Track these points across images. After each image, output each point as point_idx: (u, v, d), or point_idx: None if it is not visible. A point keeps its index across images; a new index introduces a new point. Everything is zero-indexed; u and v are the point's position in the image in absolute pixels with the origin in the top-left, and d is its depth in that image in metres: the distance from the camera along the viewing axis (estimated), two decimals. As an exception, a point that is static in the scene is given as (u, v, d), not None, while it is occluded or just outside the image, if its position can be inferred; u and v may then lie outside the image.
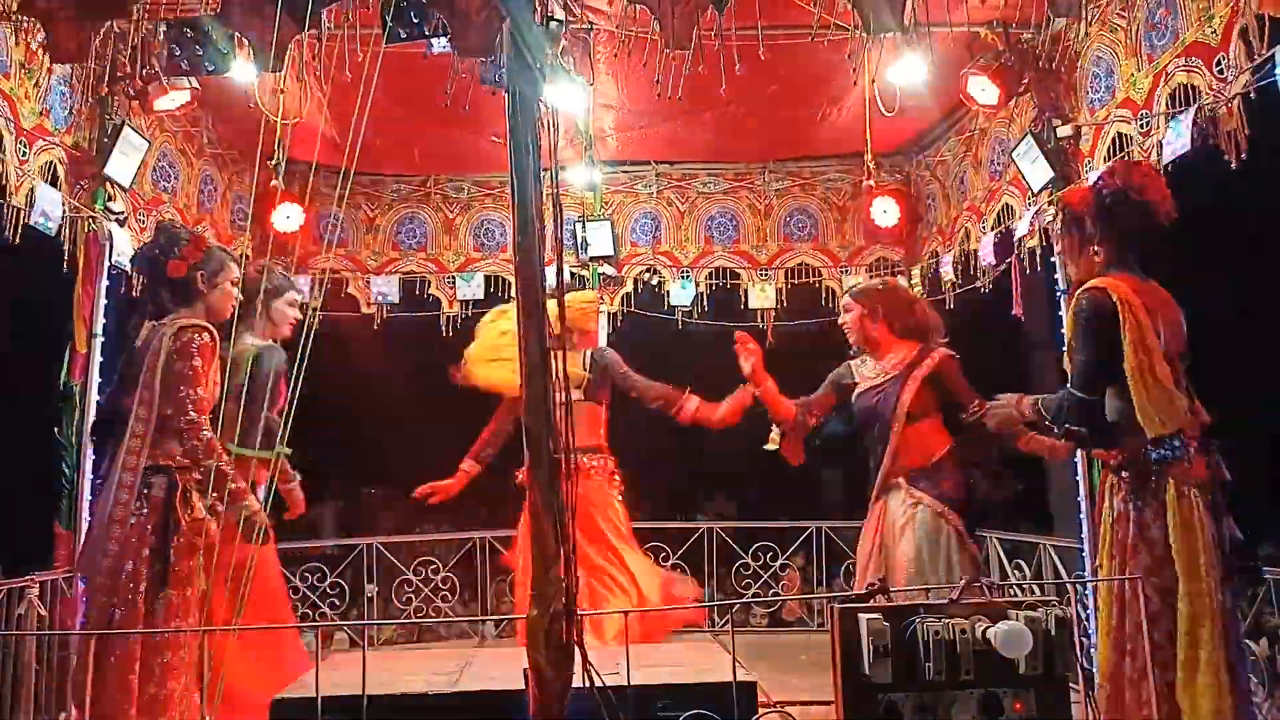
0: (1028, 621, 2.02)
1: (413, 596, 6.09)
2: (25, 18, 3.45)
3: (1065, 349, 2.89)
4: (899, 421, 3.62)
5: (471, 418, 4.86)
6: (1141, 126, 3.72)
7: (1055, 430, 2.80)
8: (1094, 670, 2.74)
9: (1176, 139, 3.36)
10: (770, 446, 4.24)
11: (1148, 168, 2.99)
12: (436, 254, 6.21)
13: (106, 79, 4.13)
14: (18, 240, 3.69)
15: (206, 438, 3.14)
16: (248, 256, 3.55)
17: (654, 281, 6.22)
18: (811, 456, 5.60)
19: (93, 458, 4.05)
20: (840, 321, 3.99)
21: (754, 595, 6.14)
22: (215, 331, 3.23)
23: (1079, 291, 2.79)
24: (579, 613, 2.13)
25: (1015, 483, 4.53)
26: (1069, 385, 2.75)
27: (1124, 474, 2.73)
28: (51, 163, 3.92)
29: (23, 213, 3.69)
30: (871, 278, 5.37)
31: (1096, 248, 2.84)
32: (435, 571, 6.15)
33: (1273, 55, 2.97)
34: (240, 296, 3.45)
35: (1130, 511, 2.67)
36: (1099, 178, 2.97)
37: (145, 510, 3.03)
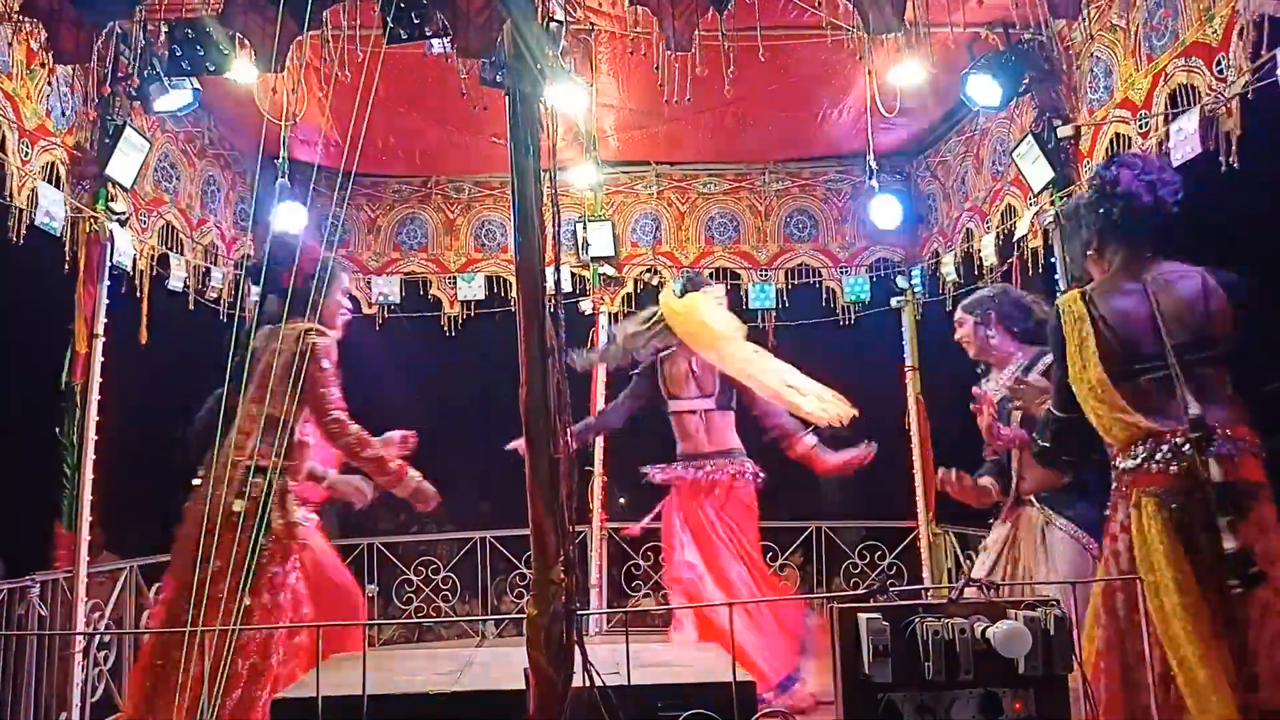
0: (1027, 621, 2.02)
1: (413, 596, 6.09)
2: (27, 18, 3.46)
3: None
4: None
5: (471, 417, 4.88)
6: (1141, 127, 3.72)
7: (1036, 453, 2.73)
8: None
9: (1184, 141, 3.35)
10: None
11: (1132, 157, 2.87)
12: (437, 254, 6.22)
13: (108, 79, 4.14)
14: (20, 240, 3.70)
15: (355, 431, 3.25)
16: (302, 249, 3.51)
17: (654, 282, 6.22)
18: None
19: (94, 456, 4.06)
20: (956, 337, 3.69)
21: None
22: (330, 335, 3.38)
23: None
24: (579, 612, 2.13)
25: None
26: (1048, 406, 2.70)
27: (1117, 487, 2.61)
28: (53, 163, 3.93)
29: (25, 213, 3.70)
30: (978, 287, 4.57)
31: (1094, 252, 2.73)
32: (435, 571, 6.15)
33: (1273, 55, 2.97)
34: (350, 306, 3.60)
35: (1121, 531, 2.55)
36: (1092, 178, 2.87)
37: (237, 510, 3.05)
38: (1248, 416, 2.51)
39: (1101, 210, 2.67)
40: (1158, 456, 2.46)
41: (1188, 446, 2.41)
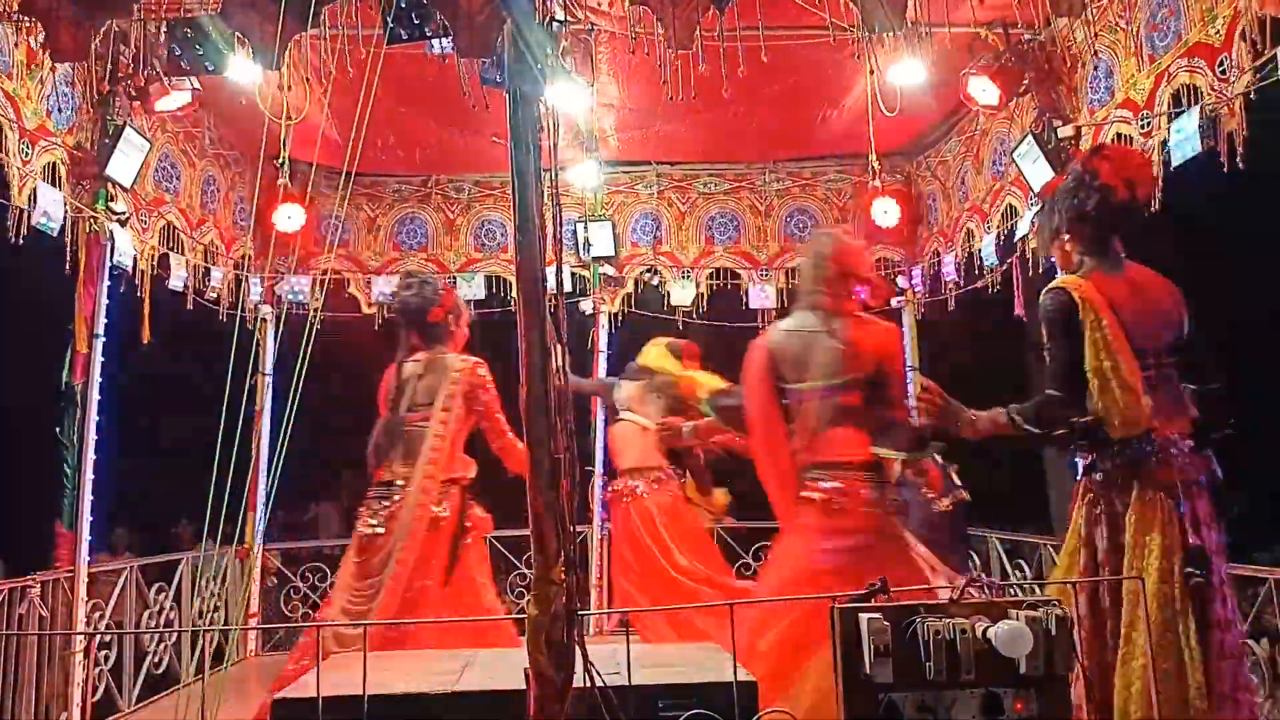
0: (1028, 621, 2.02)
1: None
2: (26, 17, 3.45)
3: (1045, 351, 2.75)
4: None
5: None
6: (1142, 127, 3.72)
7: (1036, 433, 2.68)
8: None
9: (1185, 140, 3.35)
10: None
11: (1113, 149, 2.89)
12: (437, 254, 6.22)
13: (108, 79, 4.13)
14: (21, 240, 3.69)
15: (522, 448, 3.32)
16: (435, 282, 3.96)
17: (654, 281, 6.22)
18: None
19: (94, 456, 4.06)
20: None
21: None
22: None
23: (1043, 291, 2.71)
24: (580, 612, 2.13)
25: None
26: (1047, 387, 2.66)
27: (1095, 475, 2.66)
28: (53, 163, 3.93)
29: (26, 213, 3.70)
30: None
31: (1066, 238, 2.75)
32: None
33: (1274, 55, 2.97)
34: (467, 334, 3.89)
35: (1098, 514, 2.61)
36: (1072, 169, 2.86)
37: (446, 515, 3.52)
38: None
39: (1076, 199, 2.68)
40: (1159, 451, 2.51)
41: (1188, 444, 2.49)
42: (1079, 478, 2.77)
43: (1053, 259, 2.89)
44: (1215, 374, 2.67)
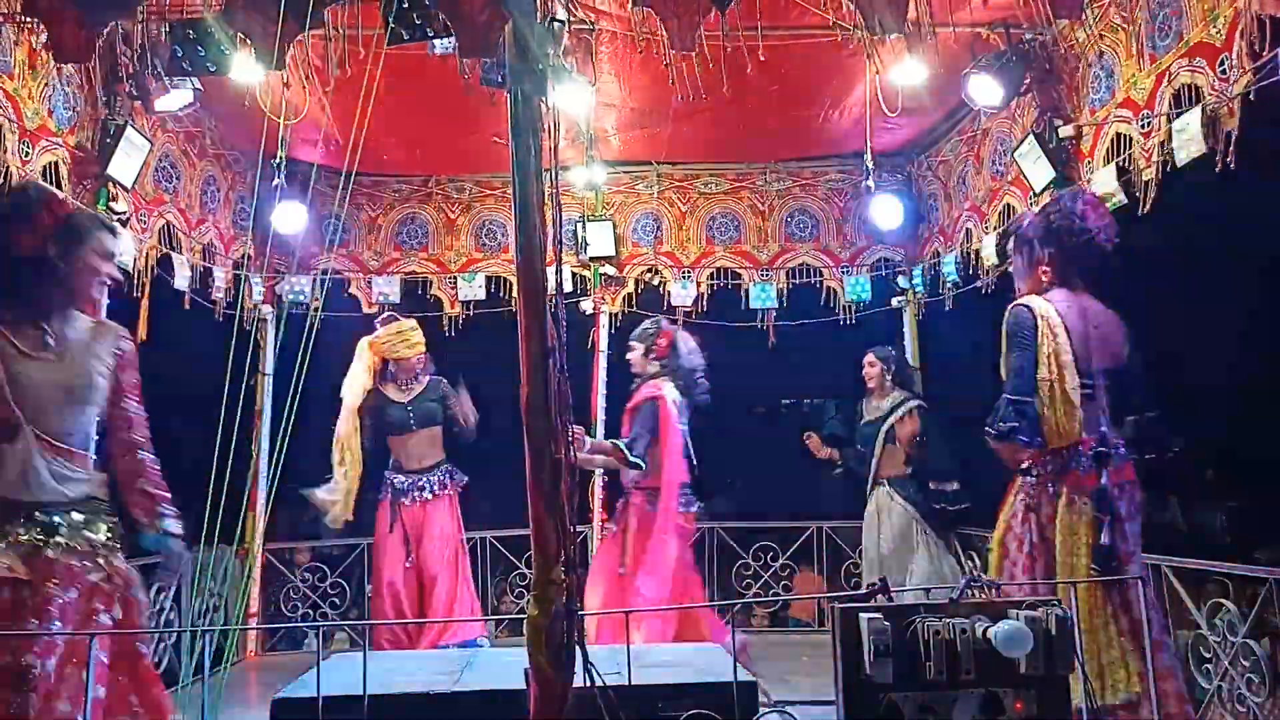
0: (1028, 621, 2.02)
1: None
2: (28, 18, 3.45)
3: (1002, 359, 3.09)
4: None
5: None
6: (1143, 127, 3.72)
7: (995, 434, 2.95)
8: None
9: (1190, 142, 3.35)
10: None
11: (1091, 197, 3.29)
12: (438, 254, 6.22)
13: (109, 79, 4.14)
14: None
15: None
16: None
17: (655, 281, 6.22)
18: (814, 457, 5.67)
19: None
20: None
21: (754, 595, 6.14)
22: None
23: (1009, 307, 3.09)
24: (580, 612, 2.13)
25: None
26: (1005, 392, 2.96)
27: (1029, 477, 2.98)
28: (54, 163, 3.93)
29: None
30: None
31: (1045, 268, 3.11)
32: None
33: (1274, 55, 2.97)
34: (118, 276, 2.84)
35: (1031, 514, 2.93)
36: (1047, 205, 3.28)
37: None
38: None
39: (1061, 236, 3.08)
40: (1084, 461, 2.87)
41: (1104, 455, 2.87)
42: (1015, 478, 3.06)
43: (1021, 285, 3.23)
44: (1152, 402, 3.08)
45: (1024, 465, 2.99)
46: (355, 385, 4.88)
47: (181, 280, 4.91)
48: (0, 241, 2.57)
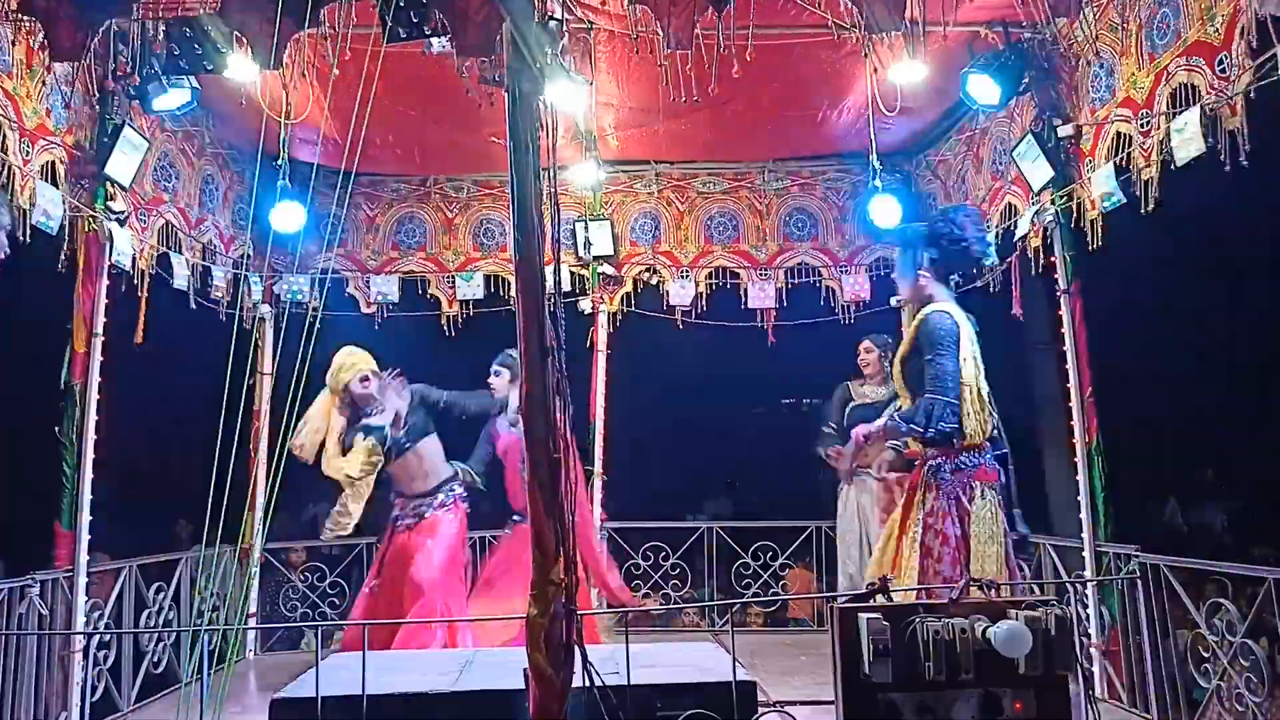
0: (1027, 621, 2.02)
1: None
2: (26, 17, 3.45)
3: (910, 360, 3.24)
4: None
5: (468, 418, 4.90)
6: (1142, 126, 3.72)
7: (926, 434, 3.07)
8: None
9: (1190, 141, 3.34)
10: None
11: (973, 211, 3.50)
12: (436, 254, 6.21)
13: (107, 78, 4.13)
14: (22, 239, 3.68)
15: None
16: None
17: (653, 281, 6.21)
18: (811, 456, 5.69)
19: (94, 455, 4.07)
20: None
21: (753, 595, 6.14)
22: None
23: (930, 310, 3.21)
24: (579, 612, 2.13)
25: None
26: (931, 393, 3.09)
27: (947, 476, 3.12)
28: (52, 162, 3.92)
29: (26, 212, 3.69)
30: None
31: (925, 270, 3.29)
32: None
33: (1273, 54, 2.97)
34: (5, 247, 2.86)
35: (945, 506, 3.08)
36: (933, 214, 3.54)
37: None
38: None
39: (943, 243, 3.29)
40: (989, 458, 3.12)
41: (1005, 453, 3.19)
42: (918, 474, 3.22)
43: (902, 285, 3.40)
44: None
45: (936, 462, 3.14)
46: (310, 428, 4.54)
47: (181, 280, 4.91)
48: None
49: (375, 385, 4.56)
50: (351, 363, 4.58)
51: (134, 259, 4.44)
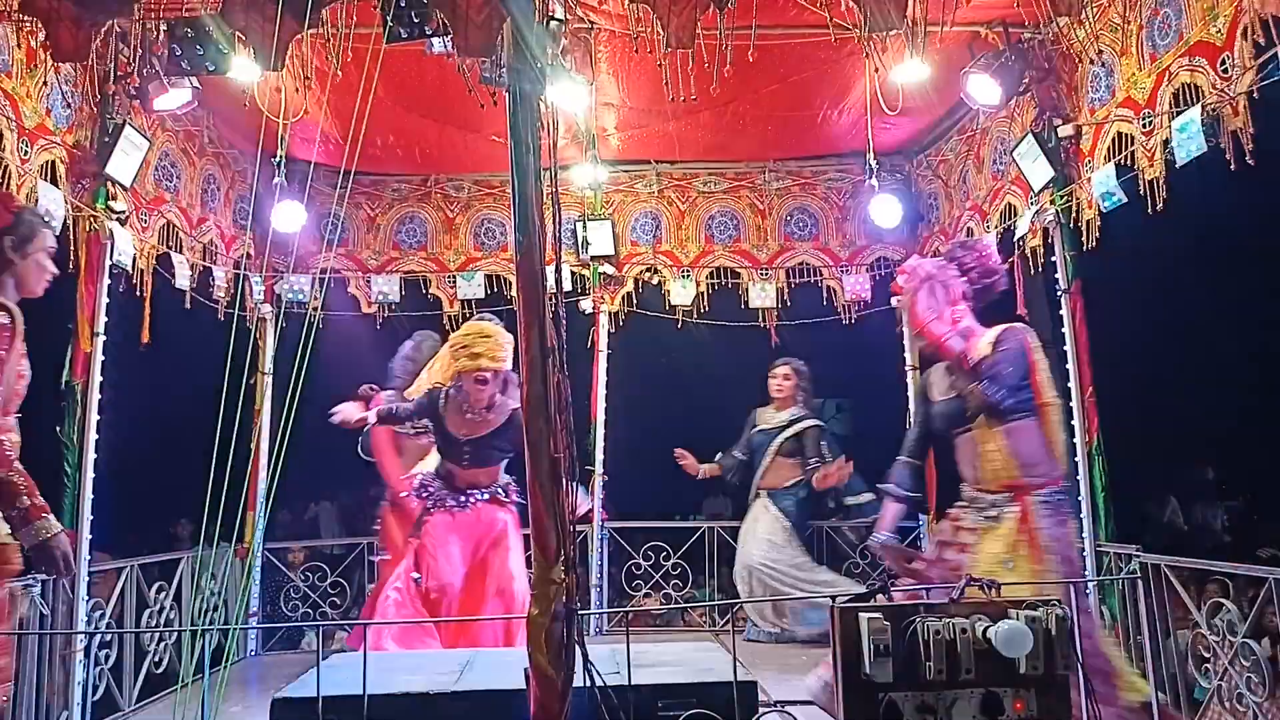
0: (1028, 621, 2.02)
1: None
2: (27, 17, 3.45)
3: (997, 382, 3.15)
4: None
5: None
6: (1144, 126, 3.72)
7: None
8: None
9: (1189, 140, 3.34)
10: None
11: (989, 246, 3.53)
12: (437, 253, 6.21)
13: (108, 78, 4.13)
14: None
15: None
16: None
17: (654, 281, 6.21)
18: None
19: (95, 455, 4.07)
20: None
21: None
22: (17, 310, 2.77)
23: (1010, 331, 3.20)
24: (579, 612, 2.13)
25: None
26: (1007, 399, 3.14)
27: None
28: (52, 162, 3.92)
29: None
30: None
31: (962, 305, 3.27)
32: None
33: (1274, 54, 2.97)
34: (54, 270, 2.88)
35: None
36: (955, 250, 3.43)
37: None
38: None
39: (975, 277, 3.32)
40: None
41: None
42: None
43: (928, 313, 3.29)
44: None
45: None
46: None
47: (182, 279, 4.91)
48: None
49: (489, 391, 4.13)
50: (487, 349, 4.09)
51: (135, 258, 4.44)
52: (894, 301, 6.18)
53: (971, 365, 3.15)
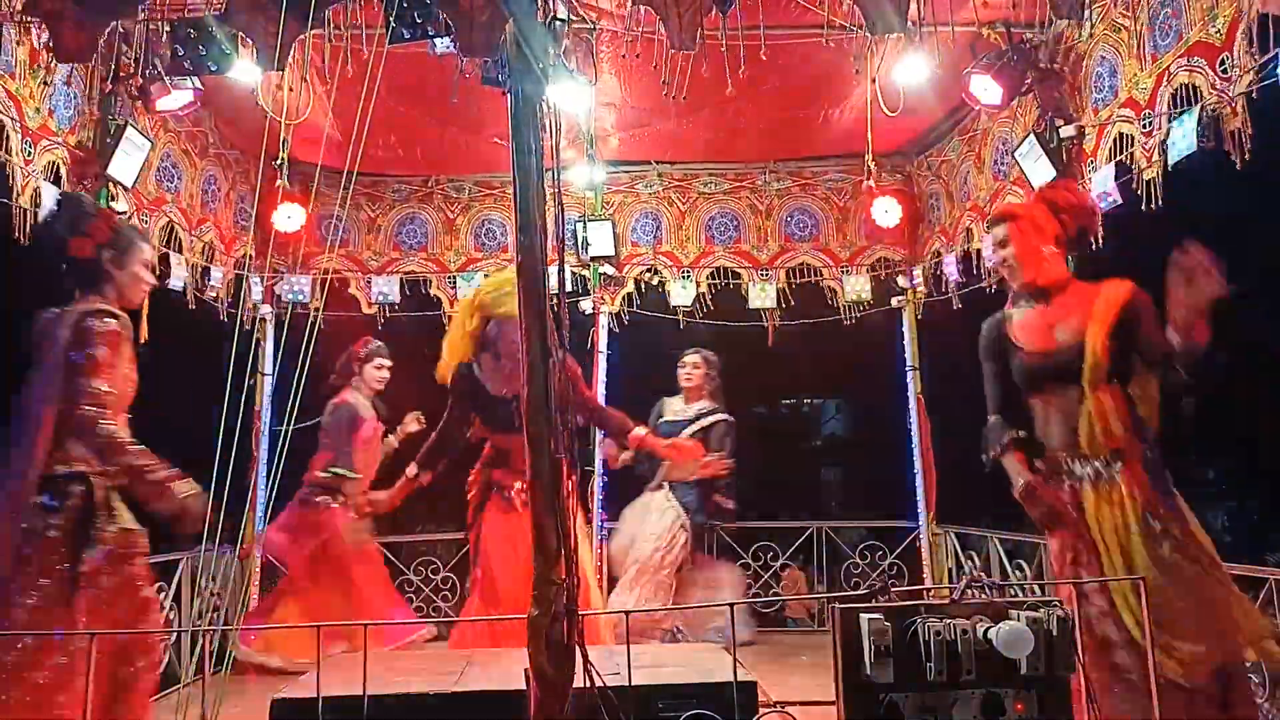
0: (1029, 622, 2.02)
1: (413, 597, 6.09)
2: (30, 18, 3.45)
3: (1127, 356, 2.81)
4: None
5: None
6: (1144, 126, 3.72)
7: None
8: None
9: (1182, 139, 3.36)
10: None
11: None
12: (438, 254, 6.22)
13: (110, 79, 4.14)
14: (26, 240, 3.69)
15: (109, 432, 2.76)
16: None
17: (655, 281, 6.22)
18: (811, 456, 5.68)
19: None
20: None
21: (753, 595, 6.14)
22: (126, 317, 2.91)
23: (1140, 290, 2.81)
24: (580, 612, 2.13)
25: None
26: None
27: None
28: (55, 163, 3.93)
29: (28, 213, 3.70)
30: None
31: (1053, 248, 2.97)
32: (435, 571, 6.15)
33: (1275, 54, 2.97)
34: (152, 280, 3.12)
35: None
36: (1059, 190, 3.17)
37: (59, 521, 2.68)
38: None
39: (1063, 219, 3.01)
40: None
41: None
42: None
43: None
44: None
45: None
46: (447, 357, 4.02)
47: (177, 280, 4.91)
48: (55, 245, 2.91)
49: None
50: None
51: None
52: (894, 302, 6.18)
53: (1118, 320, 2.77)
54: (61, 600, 2.66)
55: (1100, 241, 3.12)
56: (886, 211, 5.74)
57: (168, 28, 3.83)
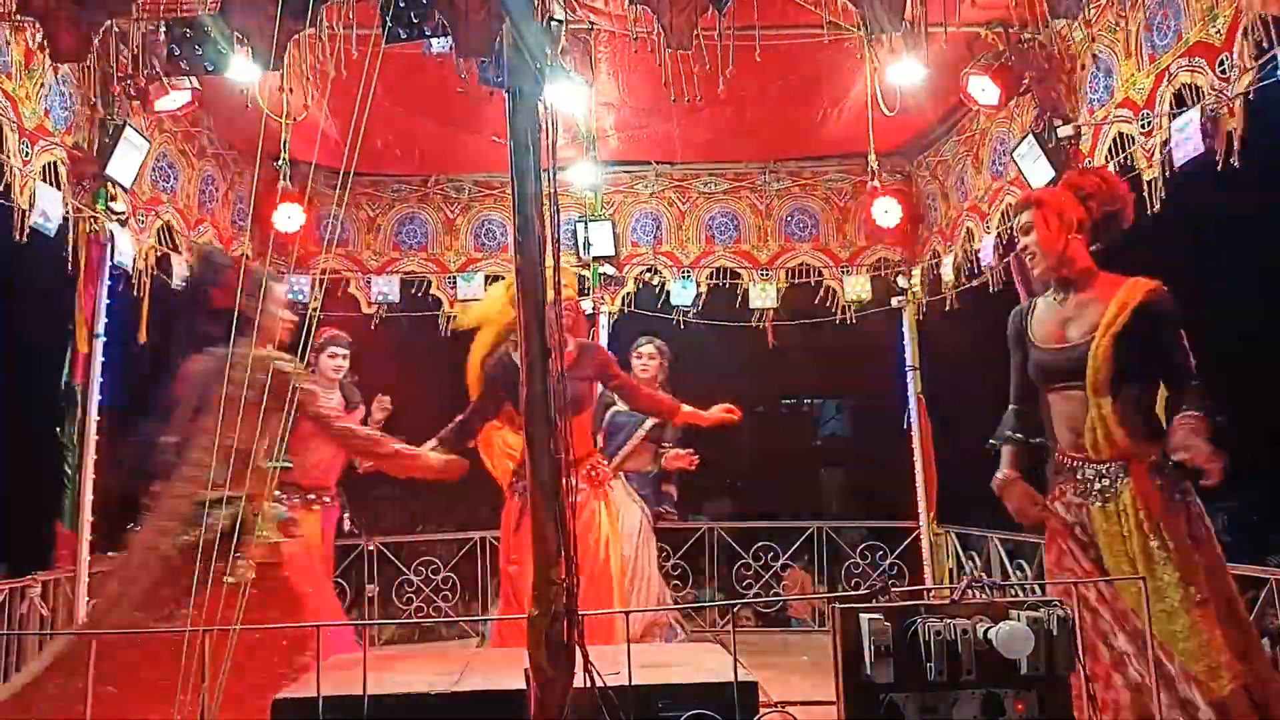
0: (1029, 622, 2.01)
1: (413, 596, 6.09)
2: (25, 17, 3.45)
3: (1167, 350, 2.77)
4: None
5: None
6: (1143, 126, 3.72)
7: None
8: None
9: (1187, 141, 3.35)
10: None
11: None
12: (437, 254, 6.22)
13: (108, 79, 4.13)
14: (24, 240, 3.69)
15: (365, 432, 3.53)
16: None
17: (655, 281, 6.22)
18: (811, 456, 5.67)
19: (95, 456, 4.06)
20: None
21: (755, 595, 6.14)
22: None
23: (1160, 291, 2.77)
24: (580, 612, 2.13)
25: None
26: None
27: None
28: (52, 163, 3.93)
29: (26, 213, 3.70)
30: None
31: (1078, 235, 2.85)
32: (435, 571, 6.15)
33: (1274, 55, 2.97)
34: (294, 318, 3.35)
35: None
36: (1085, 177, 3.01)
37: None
38: None
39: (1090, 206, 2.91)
40: None
41: None
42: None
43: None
44: None
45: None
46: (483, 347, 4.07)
47: (177, 280, 4.91)
48: (196, 299, 3.19)
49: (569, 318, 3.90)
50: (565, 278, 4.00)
51: (135, 259, 4.44)
52: (894, 302, 6.18)
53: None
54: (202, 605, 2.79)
55: (1130, 226, 2.95)
56: (886, 211, 5.73)
57: (163, 27, 3.83)
